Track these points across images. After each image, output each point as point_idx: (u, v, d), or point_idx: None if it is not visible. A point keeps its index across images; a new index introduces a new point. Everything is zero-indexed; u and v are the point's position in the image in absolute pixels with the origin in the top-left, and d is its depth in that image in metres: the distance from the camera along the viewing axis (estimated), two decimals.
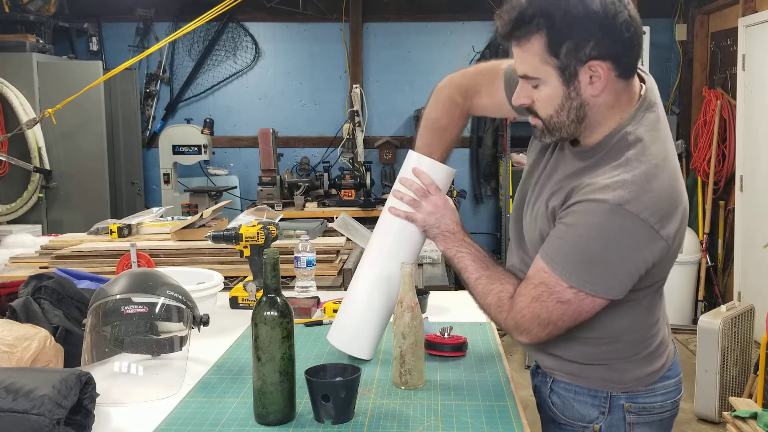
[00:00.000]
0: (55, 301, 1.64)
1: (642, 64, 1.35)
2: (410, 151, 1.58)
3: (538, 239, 1.36)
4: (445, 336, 1.66)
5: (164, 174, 5.26)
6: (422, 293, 2.01)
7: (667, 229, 1.24)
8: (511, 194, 5.41)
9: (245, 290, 2.06)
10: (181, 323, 1.54)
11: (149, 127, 5.96)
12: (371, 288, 1.55)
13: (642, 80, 1.36)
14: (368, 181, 4.88)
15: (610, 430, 1.42)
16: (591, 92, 1.25)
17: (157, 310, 1.50)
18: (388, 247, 1.55)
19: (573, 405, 1.43)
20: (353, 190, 4.86)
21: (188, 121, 5.67)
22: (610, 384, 1.40)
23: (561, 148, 1.40)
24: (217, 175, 5.80)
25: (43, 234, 4.32)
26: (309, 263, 2.12)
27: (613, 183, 1.23)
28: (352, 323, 1.57)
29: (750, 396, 3.33)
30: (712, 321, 3.48)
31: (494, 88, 1.54)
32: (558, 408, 1.45)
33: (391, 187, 5.41)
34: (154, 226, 2.94)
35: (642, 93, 1.33)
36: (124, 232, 2.80)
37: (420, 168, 1.52)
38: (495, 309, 1.38)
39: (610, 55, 1.22)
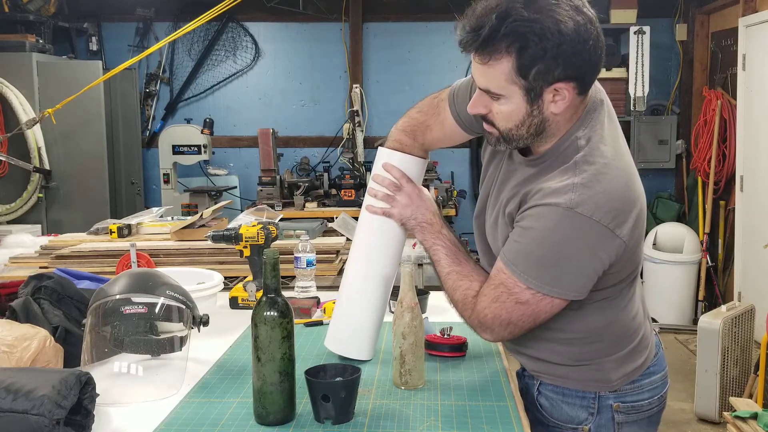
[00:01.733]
0: (54, 301, 1.63)
1: (641, 65, 1.36)
2: (379, 147, 1.57)
3: (501, 245, 1.37)
4: (445, 336, 1.66)
5: (164, 174, 5.26)
6: (422, 293, 2.01)
7: (623, 229, 1.24)
8: None
9: (245, 290, 2.06)
10: (181, 323, 1.54)
11: (149, 127, 5.96)
12: (361, 289, 1.55)
13: None
14: (368, 181, 4.87)
15: (599, 430, 1.42)
16: (553, 110, 1.26)
17: (157, 310, 1.50)
18: (371, 245, 1.55)
19: (561, 407, 1.43)
20: (353, 190, 4.86)
21: (188, 121, 5.68)
22: (597, 384, 1.41)
23: (510, 156, 1.41)
24: (217, 175, 5.80)
25: (42, 234, 4.32)
26: (309, 263, 2.12)
27: (563, 187, 1.24)
28: (346, 326, 1.57)
29: (750, 396, 3.33)
30: (712, 321, 3.48)
31: (441, 118, 1.52)
32: (546, 410, 1.45)
33: None
34: (154, 226, 2.94)
35: (589, 98, 1.33)
36: (124, 232, 2.80)
37: (390, 163, 1.52)
38: (461, 306, 1.40)
39: (576, 76, 1.22)
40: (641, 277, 1.46)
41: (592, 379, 1.40)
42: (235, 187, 5.81)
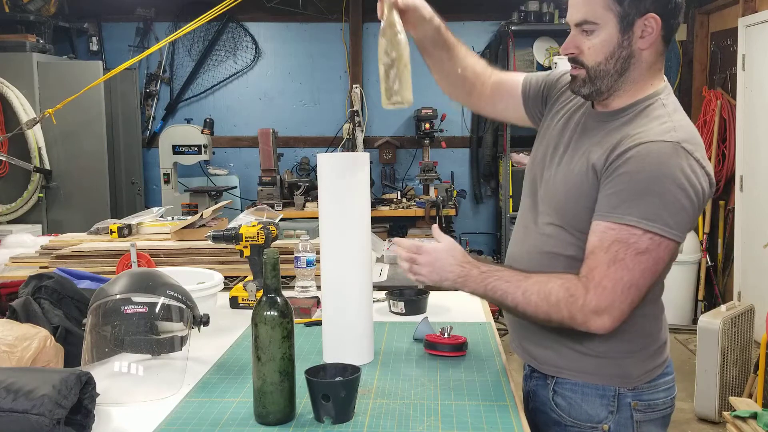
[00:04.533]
0: (55, 301, 1.64)
1: None
2: (318, 155, 1.59)
3: (573, 203, 1.36)
4: (445, 336, 1.66)
5: (164, 174, 5.27)
6: (422, 293, 2.01)
7: (712, 176, 1.30)
8: (511, 194, 5.41)
9: (245, 290, 2.06)
10: (181, 323, 1.54)
11: (149, 127, 5.96)
12: (343, 300, 1.56)
13: None
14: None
15: (619, 429, 1.41)
16: (640, 45, 1.34)
17: (157, 310, 1.50)
18: (339, 291, 1.56)
19: (580, 405, 1.42)
20: None
21: (188, 121, 5.68)
22: (618, 380, 1.40)
23: (583, 117, 1.44)
24: (217, 175, 5.81)
25: (43, 234, 4.32)
26: (309, 263, 2.12)
27: (663, 129, 1.29)
28: (340, 337, 1.58)
29: (750, 396, 3.33)
30: (712, 321, 3.48)
31: (516, 78, 1.66)
32: (563, 409, 1.44)
33: (390, 187, 5.42)
34: (154, 226, 2.94)
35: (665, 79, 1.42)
36: (124, 232, 2.80)
37: (396, 239, 1.53)
38: (566, 303, 1.30)
39: (663, 12, 1.32)
40: None
41: (614, 375, 1.40)
42: (235, 187, 5.81)
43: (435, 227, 1.53)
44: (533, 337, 1.47)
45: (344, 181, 1.54)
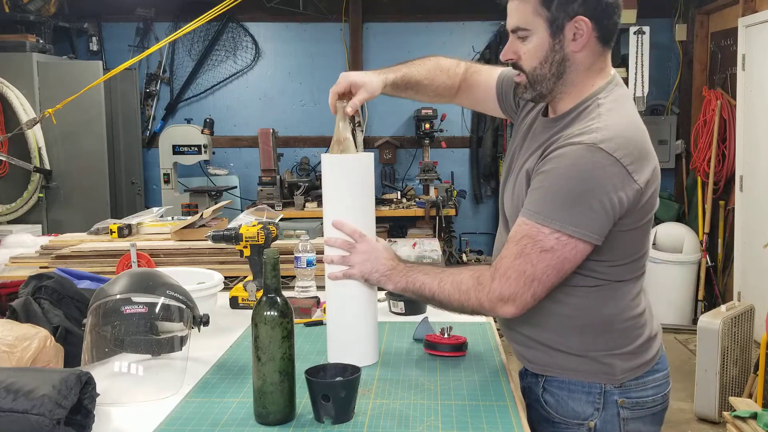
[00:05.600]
0: (55, 301, 1.64)
1: (641, 65, 1.39)
2: (322, 155, 1.59)
3: (517, 209, 1.40)
4: (445, 336, 1.66)
5: (164, 174, 5.26)
6: None
7: (641, 175, 1.30)
8: None
9: (245, 290, 2.06)
10: (181, 323, 1.54)
11: (149, 127, 5.96)
12: (347, 306, 1.56)
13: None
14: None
15: (605, 426, 1.43)
16: (573, 48, 1.36)
17: (157, 310, 1.50)
18: (343, 292, 1.56)
19: (567, 402, 1.44)
20: None
21: (188, 121, 5.68)
22: (603, 377, 1.42)
23: (532, 125, 1.49)
24: (217, 175, 5.80)
25: (43, 234, 4.32)
26: (309, 263, 2.12)
27: (587, 129, 1.31)
28: (345, 339, 1.57)
29: (750, 396, 3.34)
30: (712, 321, 3.49)
31: (493, 71, 1.70)
32: (552, 406, 1.46)
33: (390, 187, 5.40)
34: (154, 226, 2.94)
35: (612, 74, 1.43)
36: (124, 232, 2.80)
37: (339, 220, 1.53)
38: (475, 290, 1.38)
39: (593, 15, 1.34)
40: None
41: (599, 372, 1.42)
42: (235, 187, 5.81)
43: (378, 238, 1.58)
44: (520, 338, 1.49)
45: (349, 182, 1.53)
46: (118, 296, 1.48)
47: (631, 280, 1.42)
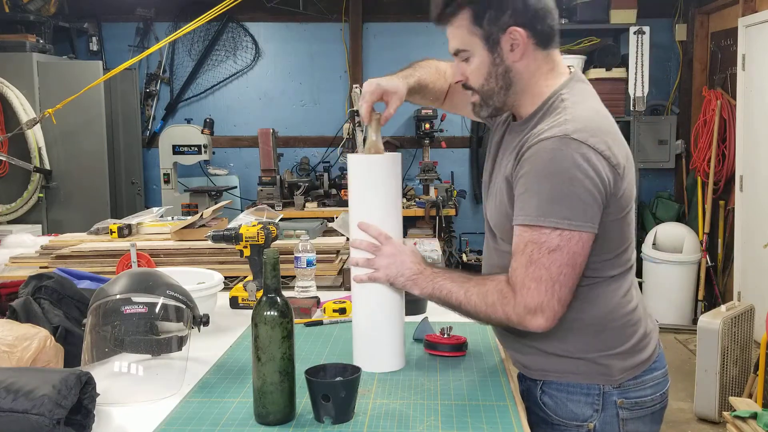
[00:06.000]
0: (55, 301, 1.64)
1: (641, 65, 1.40)
2: (348, 155, 1.58)
3: (503, 217, 1.41)
4: (445, 336, 1.66)
5: (164, 174, 5.26)
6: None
7: (617, 158, 1.31)
8: None
9: (245, 290, 2.06)
10: (181, 323, 1.54)
11: (149, 127, 5.96)
12: (375, 310, 1.54)
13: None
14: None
15: (604, 427, 1.43)
16: (513, 58, 1.38)
17: (157, 310, 1.50)
18: (370, 296, 1.54)
19: (566, 404, 1.44)
20: None
21: (188, 121, 5.68)
22: (601, 378, 1.42)
23: (502, 135, 1.51)
24: (217, 175, 5.80)
25: (43, 234, 4.32)
26: (309, 263, 2.12)
27: (556, 123, 1.32)
28: (373, 345, 1.55)
29: (750, 396, 3.34)
30: (712, 321, 3.48)
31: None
32: (550, 408, 1.46)
33: None
34: (154, 226, 2.94)
35: (572, 71, 1.45)
36: (124, 232, 2.80)
37: (364, 222, 1.52)
38: (500, 304, 1.36)
39: (525, 23, 1.36)
40: (641, 277, 1.49)
41: (597, 373, 1.42)
42: (235, 187, 5.81)
43: (404, 240, 1.57)
44: (516, 345, 1.50)
45: (376, 182, 1.51)
46: (118, 296, 1.48)
47: (620, 276, 1.42)
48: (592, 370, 1.42)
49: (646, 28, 5.13)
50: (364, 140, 1.58)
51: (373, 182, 1.52)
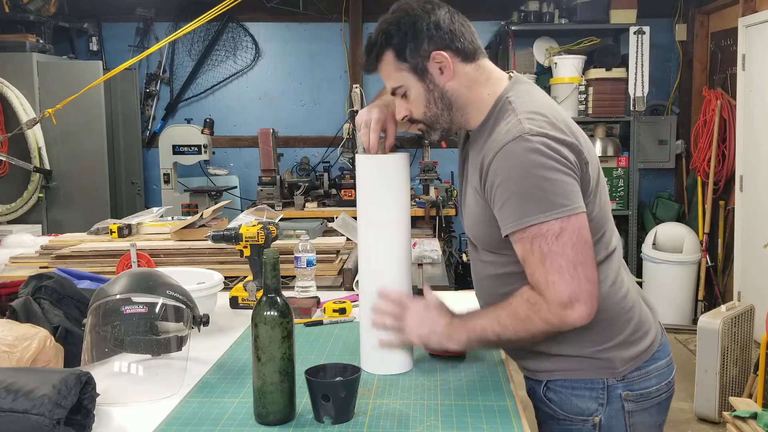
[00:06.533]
0: (55, 301, 1.64)
1: (641, 65, 1.40)
2: (357, 155, 1.57)
3: (478, 226, 1.43)
4: None
5: (164, 174, 5.26)
6: (422, 293, 2.00)
7: (574, 136, 1.35)
8: None
9: (245, 290, 2.06)
10: (181, 323, 1.54)
11: (149, 127, 5.96)
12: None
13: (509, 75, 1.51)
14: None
15: (609, 421, 1.43)
16: (444, 79, 1.42)
17: (157, 310, 1.50)
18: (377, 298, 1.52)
19: (571, 399, 1.44)
20: (353, 190, 4.85)
21: (188, 121, 5.67)
22: (605, 371, 1.42)
23: (464, 146, 1.55)
24: (217, 175, 5.80)
25: (43, 234, 4.32)
26: (309, 263, 2.12)
27: (510, 126, 1.34)
28: (384, 348, 1.53)
29: (750, 396, 3.33)
30: (712, 321, 3.48)
31: None
32: (556, 404, 1.46)
33: None
34: (154, 226, 2.94)
35: (511, 76, 1.48)
36: (124, 232, 2.80)
37: (383, 289, 1.50)
38: (535, 313, 1.32)
39: (444, 45, 1.41)
40: (641, 277, 1.48)
41: (599, 367, 1.42)
42: (235, 187, 5.81)
43: (426, 287, 1.54)
44: (515, 351, 1.51)
45: (385, 183, 1.50)
46: (118, 296, 1.48)
47: (605, 261, 1.42)
48: (594, 365, 1.42)
49: (646, 28, 5.13)
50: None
51: (383, 182, 1.51)
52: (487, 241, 1.43)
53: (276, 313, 1.27)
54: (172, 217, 3.24)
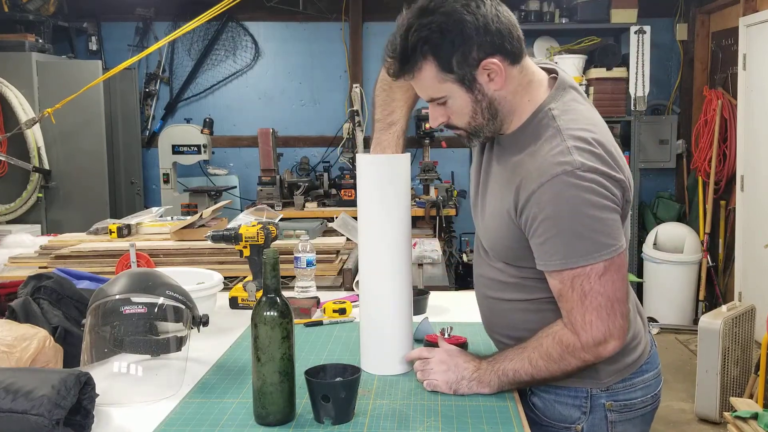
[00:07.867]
0: (54, 301, 1.63)
1: (642, 65, 1.37)
2: (358, 155, 1.55)
3: (501, 243, 1.39)
4: (445, 336, 1.65)
5: (164, 174, 5.26)
6: (422, 293, 2.00)
7: (620, 170, 1.29)
8: None
9: (245, 290, 2.05)
10: (181, 323, 1.54)
11: (149, 127, 5.96)
12: (385, 309, 1.53)
13: (551, 72, 1.42)
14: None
15: (592, 429, 1.43)
16: (494, 87, 1.31)
17: (156, 310, 1.49)
18: (378, 298, 1.52)
19: (554, 406, 1.44)
20: (353, 190, 4.85)
21: (188, 120, 5.67)
22: (589, 381, 1.41)
23: (490, 147, 1.44)
24: (217, 175, 5.80)
25: (42, 234, 4.31)
26: (309, 263, 2.11)
27: (555, 152, 1.26)
28: (382, 348, 1.54)
29: (751, 396, 3.33)
30: (712, 321, 3.48)
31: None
32: (539, 410, 1.46)
33: None
34: (153, 226, 2.94)
35: (557, 77, 1.39)
36: (124, 232, 2.79)
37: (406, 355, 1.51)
38: (569, 353, 1.32)
39: (495, 50, 1.28)
40: (641, 277, 1.47)
41: (584, 377, 1.40)
42: (235, 187, 5.80)
43: (440, 338, 1.54)
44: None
45: (385, 183, 1.50)
46: (117, 296, 1.48)
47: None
48: (579, 374, 1.39)
49: (647, 28, 5.13)
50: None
51: (383, 182, 1.50)
52: (506, 254, 1.41)
53: (276, 314, 1.27)
54: (172, 217, 3.23)
